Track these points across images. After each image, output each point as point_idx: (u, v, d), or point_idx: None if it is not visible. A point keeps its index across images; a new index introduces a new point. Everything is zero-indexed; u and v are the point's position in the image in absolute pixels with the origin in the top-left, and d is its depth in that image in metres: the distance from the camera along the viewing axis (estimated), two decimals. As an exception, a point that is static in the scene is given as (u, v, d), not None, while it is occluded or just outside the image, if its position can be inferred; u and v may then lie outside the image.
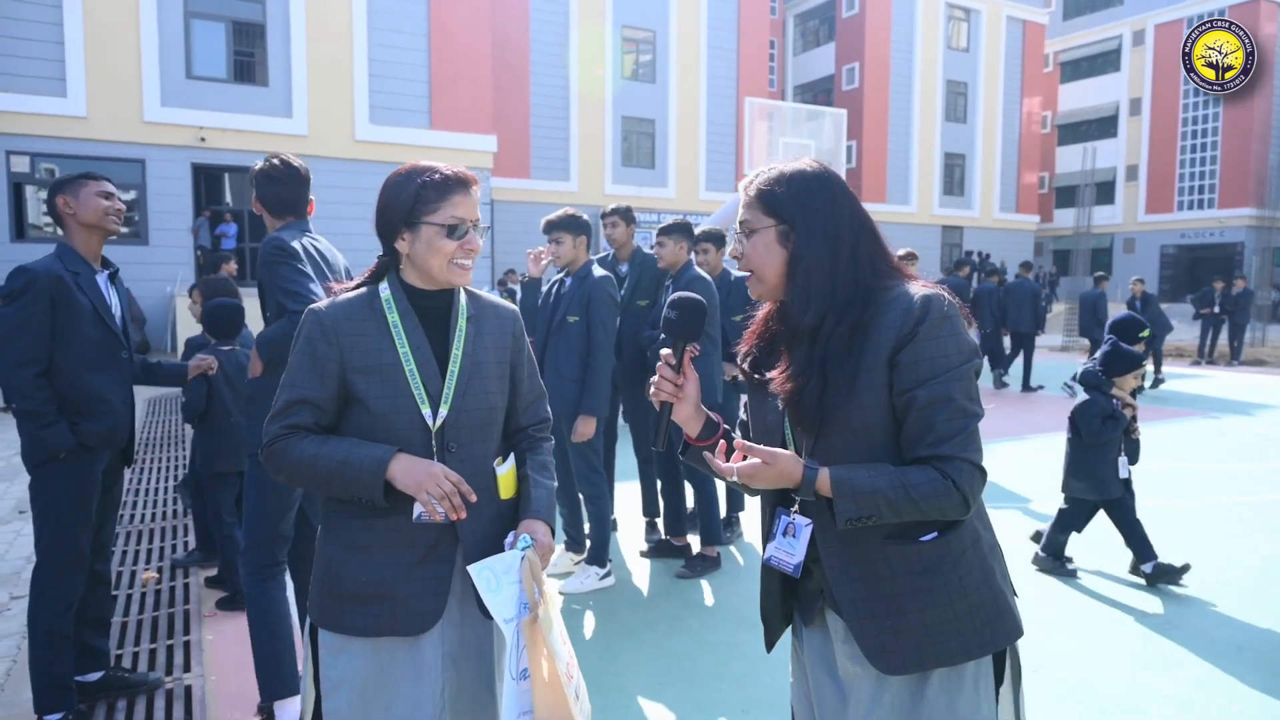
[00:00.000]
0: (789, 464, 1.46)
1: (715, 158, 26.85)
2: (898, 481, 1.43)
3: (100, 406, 2.92)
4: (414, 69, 18.68)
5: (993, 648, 1.52)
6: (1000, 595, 1.54)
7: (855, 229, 1.56)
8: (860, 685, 1.55)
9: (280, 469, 1.74)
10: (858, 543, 1.51)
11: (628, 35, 25.58)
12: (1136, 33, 36.21)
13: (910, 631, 1.48)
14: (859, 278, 1.53)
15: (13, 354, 2.79)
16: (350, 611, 1.73)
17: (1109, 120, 37.52)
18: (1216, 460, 7.73)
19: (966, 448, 1.45)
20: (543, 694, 1.69)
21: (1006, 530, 5.15)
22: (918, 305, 1.46)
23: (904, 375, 1.46)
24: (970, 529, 1.54)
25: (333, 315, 1.76)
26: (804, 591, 1.65)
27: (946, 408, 1.44)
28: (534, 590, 1.72)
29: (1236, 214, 33.31)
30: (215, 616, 4.02)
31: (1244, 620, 4.04)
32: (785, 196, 1.55)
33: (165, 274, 16.59)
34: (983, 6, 32.70)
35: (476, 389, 1.81)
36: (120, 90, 16.01)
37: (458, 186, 1.76)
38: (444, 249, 1.75)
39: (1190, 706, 3.21)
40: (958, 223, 32.74)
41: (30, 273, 2.83)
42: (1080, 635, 3.87)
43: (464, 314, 1.85)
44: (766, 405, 1.64)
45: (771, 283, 1.59)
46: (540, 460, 1.95)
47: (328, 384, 1.73)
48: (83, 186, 3.03)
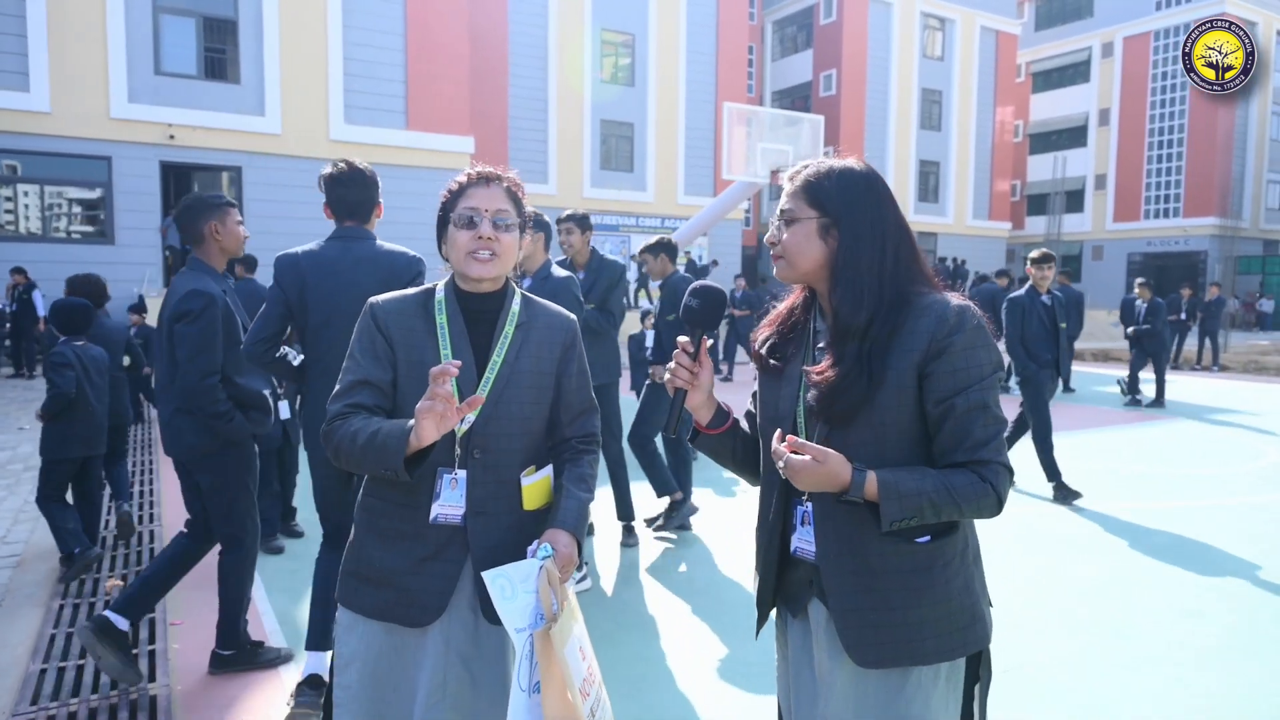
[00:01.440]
0: (838, 465, 1.46)
1: (694, 162, 26.88)
2: (941, 485, 1.47)
3: (260, 401, 3.37)
4: (390, 68, 18.49)
5: (964, 652, 1.57)
6: (977, 602, 1.60)
7: (897, 233, 1.61)
8: (835, 679, 1.57)
9: (331, 447, 1.74)
10: (855, 536, 1.54)
11: (607, 38, 25.56)
12: (1105, 44, 36.81)
13: (893, 628, 1.52)
14: (900, 281, 1.57)
15: (199, 366, 3.16)
16: (364, 592, 1.80)
17: (1079, 130, 38.11)
18: (1191, 464, 7.81)
19: (1001, 452, 1.52)
20: (554, 709, 1.62)
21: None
22: (952, 316, 1.51)
23: (941, 383, 1.51)
24: (962, 536, 1.60)
25: (385, 308, 1.83)
26: (791, 582, 1.67)
27: (983, 415, 1.50)
28: (550, 601, 1.67)
29: (1201, 223, 33.94)
30: (182, 625, 3.90)
31: (1217, 621, 4.06)
32: (832, 192, 1.58)
33: (133, 274, 16.28)
34: (957, 16, 33.08)
35: (510, 398, 1.81)
36: (86, 86, 15.70)
37: (477, 182, 1.83)
38: (458, 241, 1.80)
39: (1165, 706, 3.21)
40: (932, 229, 33.03)
41: (207, 295, 3.21)
42: (1056, 636, 3.86)
43: (513, 320, 1.86)
44: (781, 393, 1.66)
45: (802, 269, 1.61)
46: (579, 473, 1.91)
47: (386, 368, 1.79)
48: (227, 214, 3.39)
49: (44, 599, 4.21)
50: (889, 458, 1.53)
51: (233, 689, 3.30)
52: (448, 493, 1.77)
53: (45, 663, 3.49)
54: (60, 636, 3.74)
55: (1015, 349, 6.47)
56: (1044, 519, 5.84)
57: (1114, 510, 6.11)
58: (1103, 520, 5.82)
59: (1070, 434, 9.50)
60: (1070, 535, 5.43)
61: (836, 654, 1.57)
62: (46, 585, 4.40)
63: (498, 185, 1.82)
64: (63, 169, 16.16)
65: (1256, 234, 35.60)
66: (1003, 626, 3.92)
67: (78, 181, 16.44)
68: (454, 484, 1.77)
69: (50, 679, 3.35)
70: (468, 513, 1.77)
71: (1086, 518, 5.89)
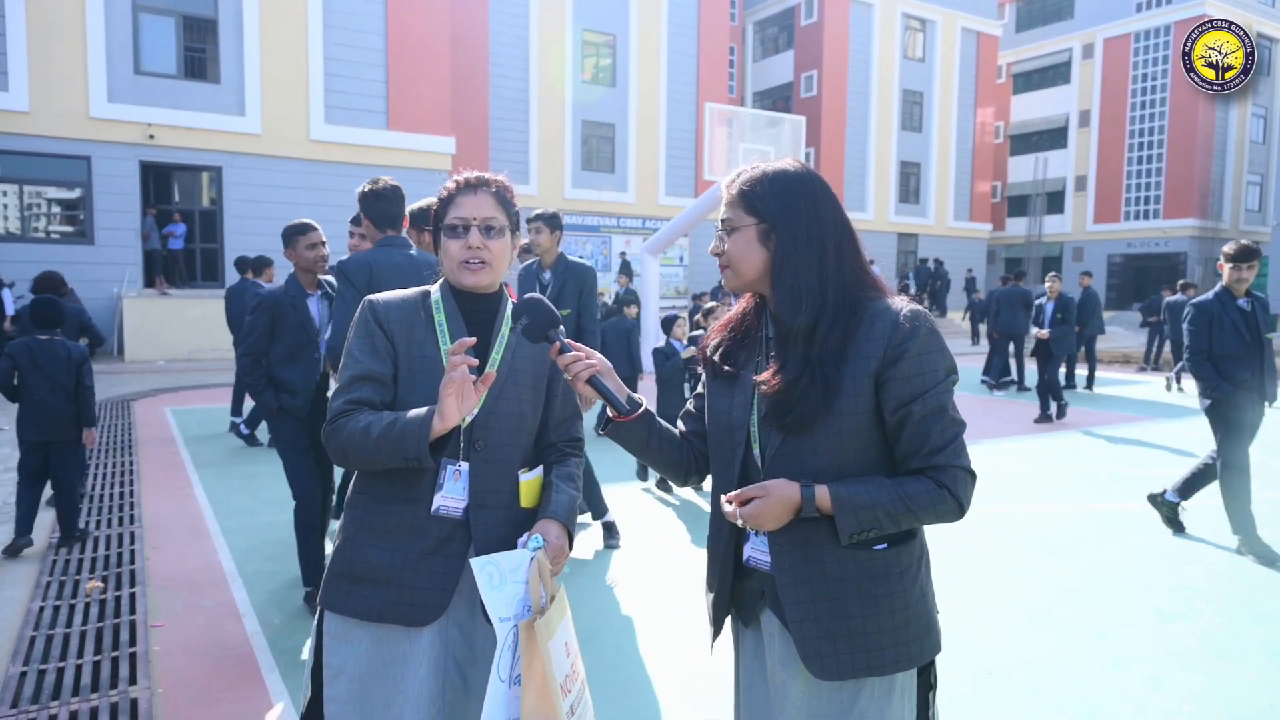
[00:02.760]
0: (783, 489, 1.48)
1: (675, 162, 26.92)
2: (895, 494, 1.48)
3: (289, 387, 4.12)
4: (371, 68, 18.43)
5: (920, 660, 1.57)
6: (931, 611, 1.60)
7: (838, 231, 1.59)
8: (789, 691, 1.56)
9: (337, 445, 1.73)
10: (810, 545, 1.53)
11: (588, 39, 25.54)
12: (1086, 46, 37.10)
13: (850, 638, 1.51)
14: (844, 281, 1.56)
15: (244, 346, 4.20)
16: (357, 593, 1.76)
17: (1059, 131, 38.38)
18: (1168, 465, 7.90)
19: (959, 456, 1.51)
20: (533, 703, 1.61)
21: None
22: (905, 321, 1.50)
23: (897, 389, 1.49)
24: (920, 544, 1.60)
25: (385, 305, 1.84)
26: (743, 592, 1.66)
27: (940, 419, 1.50)
28: (540, 593, 1.67)
29: (1180, 224, 34.27)
30: (163, 627, 3.90)
31: (1197, 622, 4.11)
32: (767, 196, 1.57)
33: (112, 274, 16.16)
34: (938, 17, 33.24)
35: (509, 394, 1.83)
36: (65, 85, 15.58)
37: (464, 190, 1.83)
38: (450, 250, 1.82)
39: (1144, 708, 3.25)
40: (913, 230, 33.21)
41: (263, 296, 4.25)
42: (1035, 638, 3.91)
43: (509, 322, 1.88)
44: (733, 400, 1.64)
45: (747, 277, 1.61)
46: (566, 470, 1.95)
47: (385, 363, 1.79)
48: (297, 241, 4.15)
49: (23, 601, 4.19)
50: (846, 464, 1.52)
51: (215, 691, 3.30)
52: (451, 484, 1.77)
53: (25, 665, 3.48)
54: (40, 639, 3.73)
55: (1201, 365, 5.12)
56: (1022, 520, 5.90)
57: (1092, 511, 6.18)
58: (1081, 521, 5.89)
59: (1046, 436, 9.60)
60: (1049, 536, 5.48)
61: (790, 665, 1.56)
62: (25, 587, 4.38)
63: (485, 191, 1.83)
64: (42, 169, 16.02)
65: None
66: (982, 628, 3.98)
67: (57, 181, 16.31)
68: (457, 475, 1.78)
69: (30, 682, 3.34)
70: (470, 505, 1.77)
71: (1064, 519, 5.96)
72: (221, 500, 6.11)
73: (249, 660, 3.56)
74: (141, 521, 5.56)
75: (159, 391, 11.74)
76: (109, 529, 5.39)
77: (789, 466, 1.53)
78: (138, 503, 6.02)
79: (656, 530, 5.58)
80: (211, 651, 3.65)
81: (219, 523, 5.55)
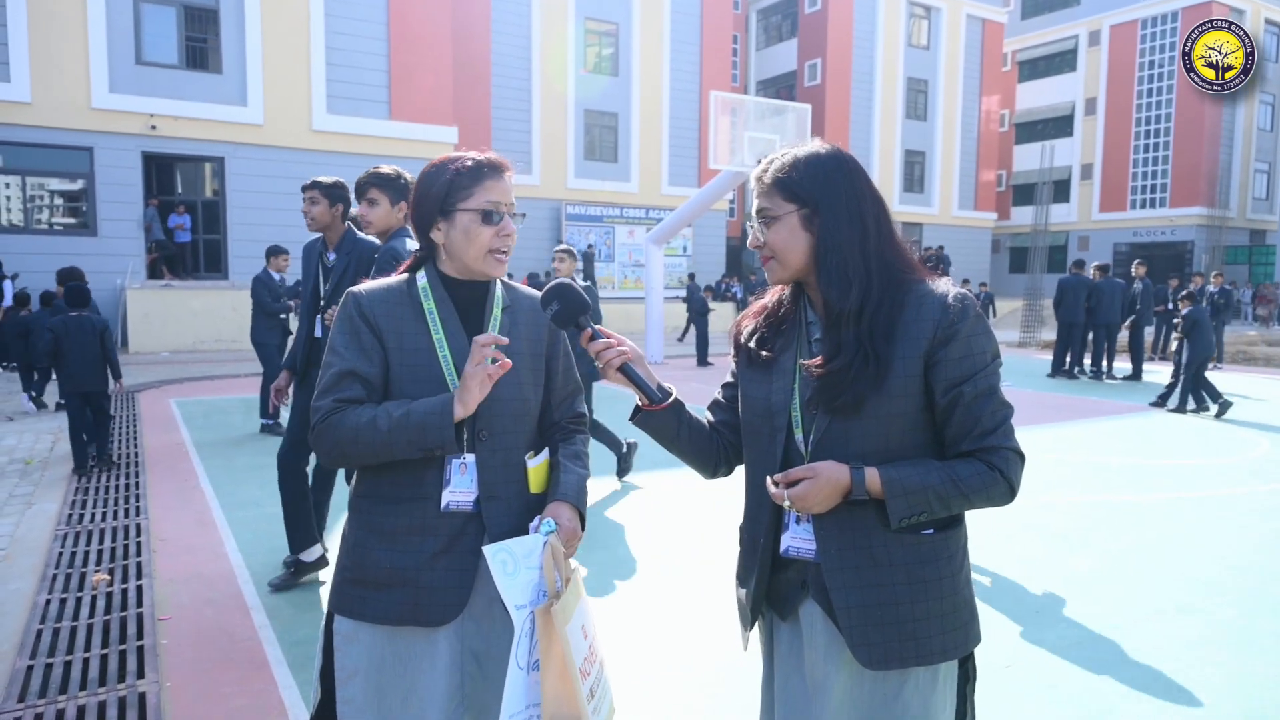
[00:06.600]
0: (833, 470, 1.45)
1: (678, 152, 26.84)
2: (946, 476, 1.46)
3: None
4: (373, 58, 18.36)
5: (966, 650, 1.55)
6: (973, 600, 1.59)
7: (875, 207, 1.57)
8: (832, 684, 1.53)
9: (332, 443, 1.67)
10: (858, 530, 1.50)
11: (590, 28, 25.44)
12: (1092, 33, 36.89)
13: (899, 624, 1.48)
14: (885, 258, 1.53)
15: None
16: (371, 598, 1.71)
17: (1065, 119, 38.22)
18: (1182, 455, 7.86)
19: (1009, 438, 1.50)
20: (553, 687, 1.59)
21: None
22: (956, 303, 1.49)
23: (948, 371, 1.48)
24: (964, 531, 1.58)
25: (370, 297, 1.76)
26: (780, 584, 1.61)
27: (990, 401, 1.48)
28: (554, 577, 1.64)
29: (1187, 213, 34.12)
30: (170, 620, 3.87)
31: (1211, 615, 4.08)
32: (805, 179, 1.54)
33: (115, 265, 16.13)
34: (943, 4, 33.06)
35: (509, 379, 1.74)
36: (67, 76, 15.53)
37: (491, 171, 1.74)
38: (480, 237, 1.72)
39: (1161, 702, 3.22)
40: (917, 219, 33.11)
41: None
42: (1049, 631, 3.88)
43: (499, 304, 1.83)
44: (772, 386, 1.61)
45: (794, 266, 1.56)
46: (573, 450, 1.91)
47: (373, 359, 1.72)
48: None
49: (30, 594, 4.17)
50: (892, 448, 1.49)
51: (223, 684, 3.28)
52: (457, 478, 1.72)
53: (32, 659, 3.45)
54: (47, 632, 3.71)
55: None
56: (1036, 513, 5.86)
57: (1105, 503, 6.14)
58: (1094, 513, 5.85)
59: (1057, 426, 9.56)
60: (1062, 529, 5.45)
61: (834, 656, 1.52)
62: (32, 580, 4.36)
63: (509, 175, 1.77)
64: (44, 160, 15.99)
65: (1243, 224, 35.85)
66: (997, 622, 3.95)
67: (59, 172, 16.27)
68: (463, 469, 1.73)
69: (38, 675, 3.32)
70: (480, 497, 1.73)
71: (1078, 511, 5.92)
72: (228, 491, 6.08)
73: (258, 653, 3.53)
74: (148, 513, 5.54)
75: (163, 383, 11.72)
76: (115, 521, 5.37)
77: (835, 450, 1.50)
78: (144, 495, 6.00)
79: (653, 528, 5.55)
80: (220, 644, 3.62)
81: (226, 514, 5.53)
